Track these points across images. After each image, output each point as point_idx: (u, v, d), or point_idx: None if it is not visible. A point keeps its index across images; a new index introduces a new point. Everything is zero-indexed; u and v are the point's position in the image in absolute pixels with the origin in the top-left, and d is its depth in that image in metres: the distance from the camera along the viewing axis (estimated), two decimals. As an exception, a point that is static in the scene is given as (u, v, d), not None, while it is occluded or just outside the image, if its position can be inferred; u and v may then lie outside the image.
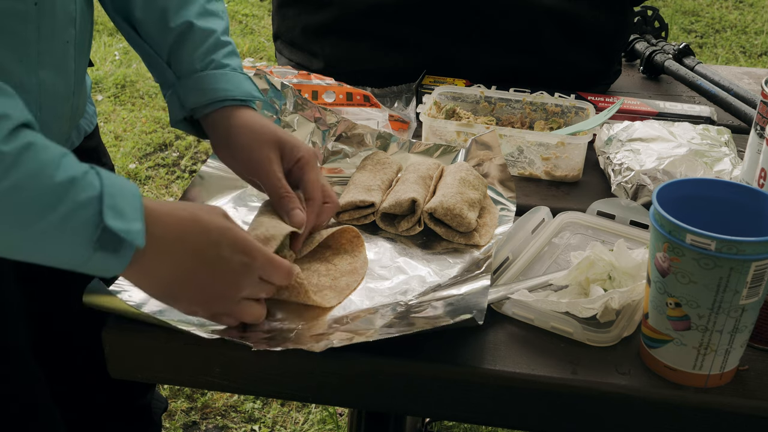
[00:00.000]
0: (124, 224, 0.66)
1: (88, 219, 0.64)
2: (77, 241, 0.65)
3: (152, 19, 0.91)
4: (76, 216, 0.64)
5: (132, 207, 0.67)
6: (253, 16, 4.19)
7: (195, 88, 0.91)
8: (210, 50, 0.92)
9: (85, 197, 0.64)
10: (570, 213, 1.00)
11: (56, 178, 0.63)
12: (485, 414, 0.80)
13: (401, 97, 1.34)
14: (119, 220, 0.65)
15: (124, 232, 0.65)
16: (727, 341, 0.72)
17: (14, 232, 0.63)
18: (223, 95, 0.90)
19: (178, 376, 0.84)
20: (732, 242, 0.67)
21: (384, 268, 0.90)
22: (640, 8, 1.57)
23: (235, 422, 1.91)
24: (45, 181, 0.63)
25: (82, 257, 0.66)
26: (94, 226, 0.65)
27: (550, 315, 0.81)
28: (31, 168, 0.63)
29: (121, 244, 0.66)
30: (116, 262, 0.67)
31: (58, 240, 0.64)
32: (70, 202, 0.64)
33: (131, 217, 0.66)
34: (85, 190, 0.65)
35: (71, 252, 0.65)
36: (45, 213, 0.63)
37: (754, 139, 0.93)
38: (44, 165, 0.63)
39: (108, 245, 0.66)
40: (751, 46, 4.03)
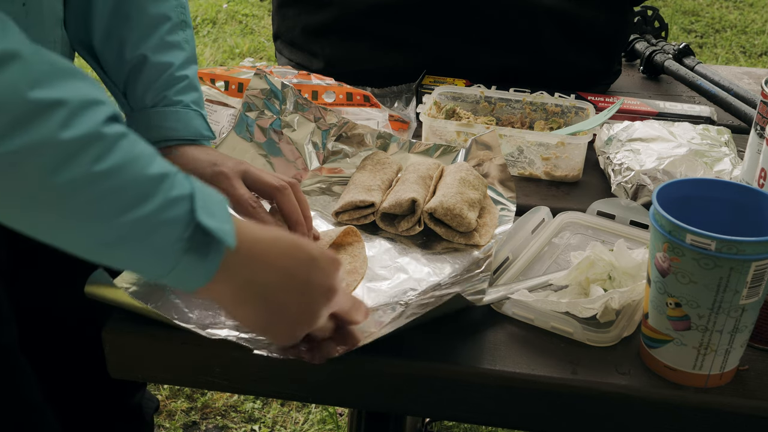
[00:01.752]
0: (217, 223, 0.63)
1: (179, 216, 0.62)
2: (166, 239, 0.62)
3: (110, 49, 0.90)
4: (168, 211, 0.61)
5: (221, 209, 0.65)
6: (253, 16, 4.19)
7: (143, 124, 0.89)
8: (163, 86, 0.90)
9: (178, 193, 0.62)
10: (570, 213, 1.00)
11: (150, 171, 0.61)
12: (485, 414, 0.80)
13: (401, 97, 1.34)
14: (212, 219, 0.63)
15: (217, 230, 0.63)
16: (727, 341, 0.72)
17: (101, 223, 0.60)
18: (168, 134, 0.89)
19: (178, 376, 0.84)
20: (732, 242, 0.67)
21: (384, 268, 0.90)
22: (640, 8, 1.57)
23: (235, 422, 1.91)
24: (140, 171, 0.61)
25: (170, 259, 0.63)
26: (185, 224, 0.62)
27: (550, 315, 0.81)
28: (128, 156, 0.60)
29: (210, 247, 0.64)
30: (204, 268, 0.64)
31: (149, 236, 0.61)
32: (162, 196, 0.61)
33: (222, 218, 0.64)
34: (177, 187, 0.62)
35: (160, 252, 0.62)
36: (137, 205, 0.60)
37: (754, 139, 0.93)
38: (139, 156, 0.61)
39: (198, 246, 0.63)
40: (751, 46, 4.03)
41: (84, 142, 0.58)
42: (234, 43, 3.85)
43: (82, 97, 0.59)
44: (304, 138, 1.09)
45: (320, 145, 1.10)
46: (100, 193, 0.59)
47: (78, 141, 0.57)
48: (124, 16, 0.90)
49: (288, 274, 0.70)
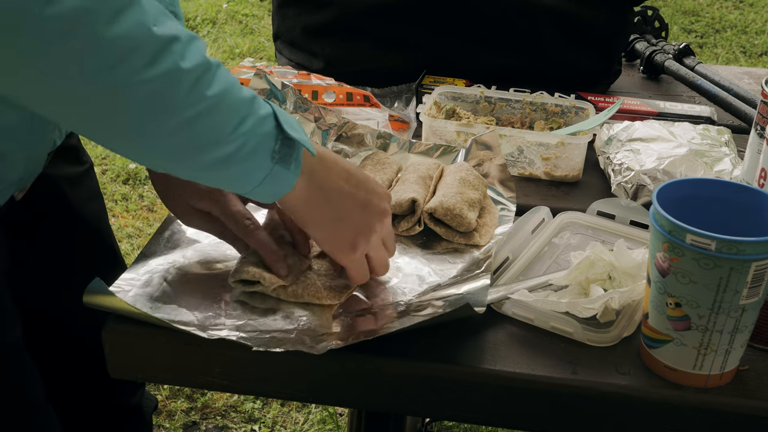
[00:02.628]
0: (299, 135, 0.72)
1: (270, 130, 0.70)
2: (263, 151, 0.70)
3: None
4: (261, 127, 0.70)
5: (298, 124, 0.74)
6: (253, 16, 4.19)
7: None
8: None
9: (265, 112, 0.71)
10: (570, 213, 1.00)
11: (243, 94, 0.70)
12: (485, 414, 0.80)
13: (401, 97, 1.34)
14: (294, 131, 0.72)
15: (300, 140, 0.72)
16: (728, 341, 0.72)
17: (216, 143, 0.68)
18: None
19: (178, 376, 0.84)
20: (732, 242, 0.67)
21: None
22: (640, 8, 1.57)
23: (235, 422, 1.91)
24: (238, 95, 0.69)
25: (263, 169, 0.71)
26: (275, 137, 0.71)
27: (550, 315, 0.81)
28: (228, 81, 0.68)
29: (291, 157, 0.72)
30: (289, 175, 0.73)
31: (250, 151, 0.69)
32: (256, 113, 0.70)
33: (300, 131, 0.73)
34: (263, 106, 0.71)
35: (258, 164, 0.70)
36: (241, 121, 0.68)
37: (754, 139, 0.92)
38: (234, 81, 0.69)
39: (285, 157, 0.72)
40: (751, 46, 4.03)
41: (199, 71, 0.65)
42: (234, 43, 3.85)
43: (187, 32, 0.66)
44: (304, 138, 1.09)
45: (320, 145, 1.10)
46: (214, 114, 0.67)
47: (195, 70, 0.65)
48: None
49: (352, 186, 0.79)
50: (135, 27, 0.61)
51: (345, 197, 0.79)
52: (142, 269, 0.86)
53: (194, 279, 0.86)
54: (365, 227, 0.80)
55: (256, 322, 0.80)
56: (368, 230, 0.80)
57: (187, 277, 0.86)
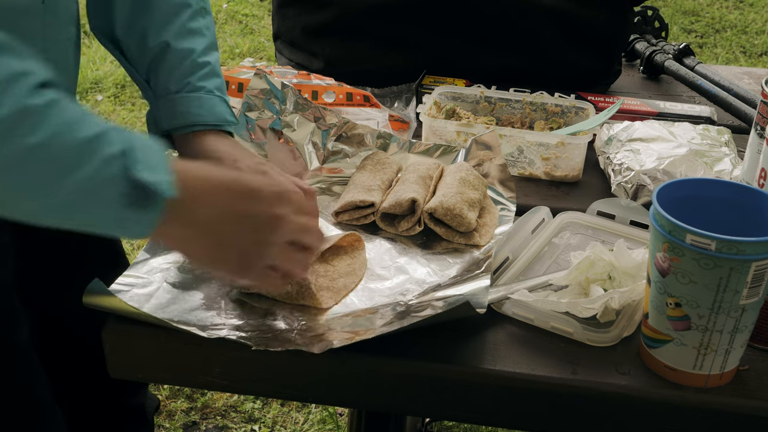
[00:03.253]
0: (153, 176, 0.65)
1: (116, 173, 0.64)
2: (107, 197, 0.64)
3: (133, 38, 0.91)
4: (104, 171, 0.63)
5: (158, 160, 0.66)
6: (253, 16, 4.19)
7: (168, 111, 0.90)
8: (186, 72, 0.91)
9: (112, 152, 0.64)
10: (570, 213, 1.00)
11: (82, 134, 0.63)
12: (485, 414, 0.80)
13: (401, 97, 1.34)
14: (147, 172, 0.65)
15: (153, 184, 0.65)
16: (727, 341, 0.72)
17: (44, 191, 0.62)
18: (193, 120, 0.90)
19: (178, 376, 0.84)
20: (732, 242, 0.67)
21: (384, 268, 0.90)
22: (640, 8, 1.57)
23: (235, 422, 1.91)
24: (72, 138, 0.62)
25: (113, 216, 0.65)
26: (123, 180, 0.64)
27: (550, 315, 0.81)
28: (58, 124, 0.62)
29: (150, 199, 0.65)
30: (148, 219, 0.66)
31: (89, 198, 0.64)
32: (97, 157, 0.63)
33: (159, 170, 0.66)
34: (111, 145, 0.64)
35: (102, 210, 0.65)
36: (72, 170, 0.62)
37: (754, 139, 0.92)
38: (70, 121, 0.63)
39: (138, 201, 0.65)
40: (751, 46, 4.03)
41: (13, 119, 0.59)
42: (234, 43, 3.85)
43: (5, 74, 0.60)
44: (304, 138, 1.09)
45: (320, 145, 1.10)
46: (38, 163, 0.61)
47: (7, 119, 0.59)
48: (146, 5, 0.91)
49: (226, 207, 0.72)
50: None
51: (220, 222, 0.72)
52: (143, 269, 0.86)
53: (194, 279, 0.86)
54: (253, 244, 0.74)
55: (256, 322, 0.80)
56: (258, 246, 0.74)
57: (187, 277, 0.86)
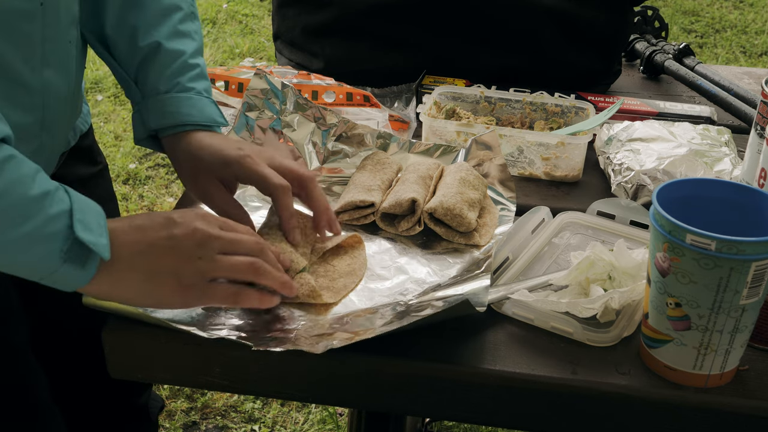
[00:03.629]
0: (93, 237, 0.70)
1: (59, 231, 0.68)
2: (47, 251, 0.68)
3: (122, 37, 0.91)
4: (48, 227, 0.68)
5: (97, 223, 0.71)
6: (253, 16, 4.19)
7: (157, 110, 0.90)
8: (176, 73, 0.91)
9: (57, 210, 0.69)
10: (570, 213, 1.00)
11: (32, 191, 0.68)
12: (485, 414, 0.80)
13: (401, 97, 1.34)
14: (88, 233, 0.69)
15: (92, 244, 0.69)
16: (727, 341, 0.72)
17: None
18: (183, 119, 0.90)
19: (178, 376, 0.84)
20: (732, 242, 0.67)
21: (384, 268, 0.90)
22: (640, 8, 1.57)
23: (235, 422, 1.91)
24: (23, 193, 0.67)
25: (50, 268, 0.69)
26: (65, 238, 0.69)
27: (550, 315, 0.81)
28: (12, 179, 0.67)
29: (87, 257, 0.70)
30: (82, 275, 0.71)
31: (30, 249, 0.68)
32: (44, 214, 0.68)
33: (97, 232, 0.71)
34: (57, 204, 0.69)
35: (41, 262, 0.69)
36: (20, 223, 0.67)
37: (754, 139, 0.93)
38: (23, 177, 0.68)
39: (76, 258, 0.70)
40: (751, 46, 4.03)
41: None
42: (234, 43, 3.85)
43: None
44: (304, 138, 1.09)
45: (320, 145, 1.10)
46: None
47: None
48: (137, 4, 0.91)
49: (149, 241, 0.75)
50: None
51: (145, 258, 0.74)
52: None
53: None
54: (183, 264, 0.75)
55: (256, 322, 0.80)
56: (188, 264, 0.75)
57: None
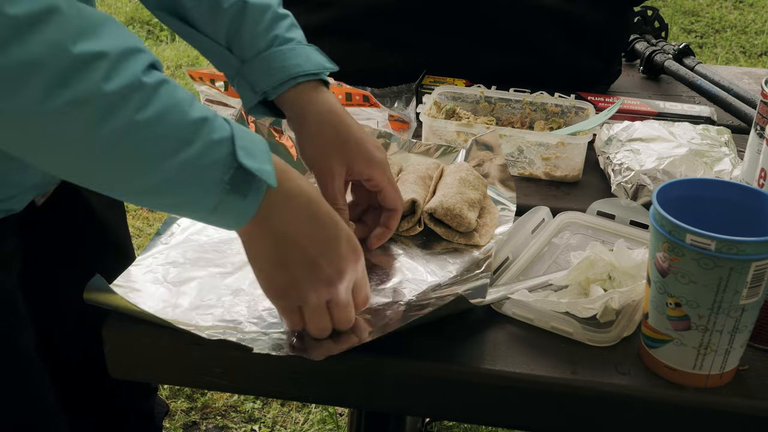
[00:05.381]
0: (257, 164, 0.66)
1: (221, 158, 0.64)
2: (210, 179, 0.64)
3: (203, 3, 0.86)
4: (211, 153, 0.64)
5: (261, 151, 0.67)
6: (253, 16, 4.18)
7: (263, 70, 0.85)
8: (270, 26, 0.86)
9: (219, 136, 0.64)
10: (570, 213, 1.00)
11: (192, 115, 0.63)
12: (485, 414, 0.80)
13: (401, 97, 1.34)
14: (252, 160, 0.65)
15: (258, 171, 0.65)
16: (727, 341, 0.72)
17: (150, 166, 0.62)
18: (294, 72, 0.85)
19: (178, 376, 0.84)
20: (732, 242, 0.67)
21: (384, 269, 0.90)
22: (640, 8, 1.57)
23: (235, 422, 1.91)
24: (182, 116, 0.63)
25: (213, 200, 0.65)
26: (227, 166, 0.64)
27: (550, 315, 0.81)
28: (169, 102, 0.62)
29: (250, 187, 0.66)
30: (245, 206, 0.66)
31: (192, 178, 0.64)
32: (205, 138, 0.63)
33: (262, 160, 0.66)
34: (218, 130, 0.65)
35: (203, 192, 0.65)
36: (181, 147, 0.62)
37: (754, 139, 0.93)
38: (180, 101, 0.63)
39: (239, 187, 0.65)
40: (751, 46, 4.03)
41: (126, 93, 0.59)
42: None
43: (122, 47, 0.60)
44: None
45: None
46: (144, 140, 0.61)
47: (120, 91, 0.59)
48: None
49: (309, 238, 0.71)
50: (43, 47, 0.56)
51: (294, 248, 0.71)
52: (144, 268, 0.86)
53: (194, 279, 0.86)
54: (303, 284, 0.72)
55: (257, 323, 0.80)
56: (303, 289, 0.72)
57: (188, 277, 0.86)
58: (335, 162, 0.86)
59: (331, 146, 0.86)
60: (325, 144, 0.86)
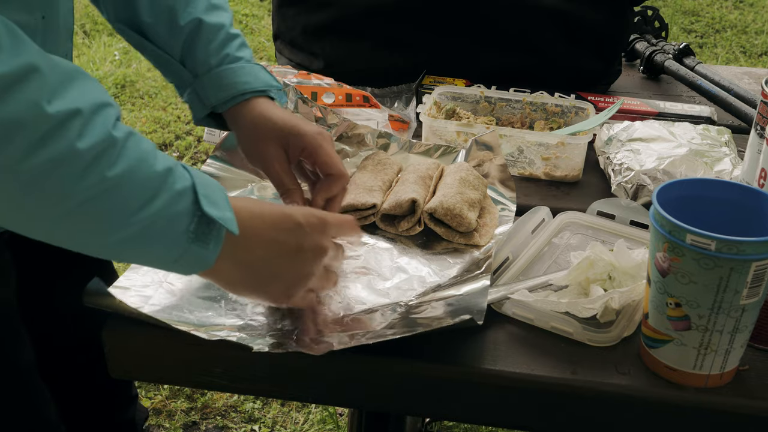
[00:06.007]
0: (220, 212, 0.67)
1: (185, 208, 0.66)
2: (175, 231, 0.66)
3: (161, 20, 0.91)
4: (175, 205, 0.65)
5: (221, 197, 0.69)
6: (253, 16, 4.20)
7: (214, 85, 0.91)
8: (222, 45, 0.91)
9: (182, 186, 0.66)
10: (570, 213, 1.00)
11: (157, 167, 0.64)
12: (485, 414, 0.80)
13: (401, 97, 1.34)
14: (213, 208, 0.67)
15: (220, 219, 0.67)
16: (727, 341, 0.72)
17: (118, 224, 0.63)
18: (243, 88, 0.91)
19: (178, 376, 0.84)
20: (732, 242, 0.67)
21: (384, 268, 0.90)
22: (640, 8, 1.57)
23: (235, 422, 1.91)
24: (148, 169, 0.64)
25: (178, 250, 0.67)
26: (191, 215, 0.66)
27: (550, 315, 0.81)
28: (137, 155, 0.63)
29: (211, 236, 0.68)
30: (208, 254, 0.68)
31: (158, 231, 0.65)
32: (169, 190, 0.65)
33: (223, 207, 0.68)
34: (181, 180, 0.66)
35: (170, 243, 0.66)
36: (150, 200, 0.64)
37: (754, 139, 0.93)
38: (146, 153, 0.64)
39: (202, 236, 0.67)
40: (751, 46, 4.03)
41: (99, 149, 0.60)
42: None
43: (93, 102, 0.61)
44: (304, 138, 1.09)
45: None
46: (115, 196, 0.62)
47: (94, 148, 0.60)
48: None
49: (278, 245, 0.74)
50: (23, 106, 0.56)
51: (271, 261, 0.74)
52: (143, 269, 0.86)
53: (194, 279, 0.86)
54: (298, 278, 0.77)
55: (257, 323, 0.80)
56: (302, 279, 0.77)
57: (186, 278, 0.86)
58: (271, 147, 0.90)
59: (265, 135, 0.90)
60: (260, 135, 0.91)
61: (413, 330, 0.75)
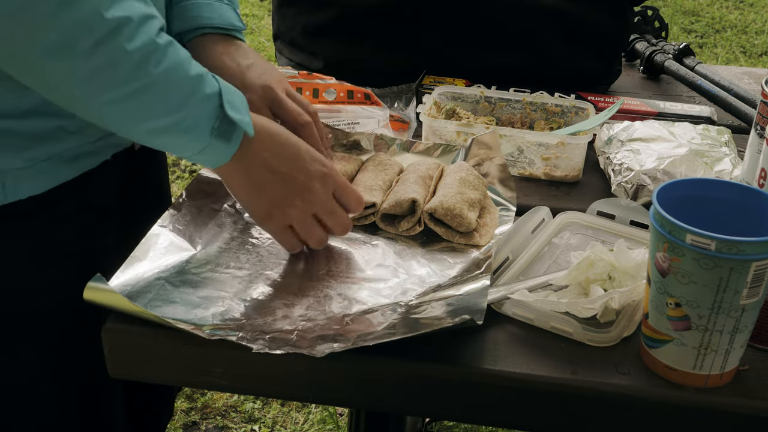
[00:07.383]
0: (239, 116, 0.80)
1: (212, 109, 0.78)
2: (202, 127, 0.78)
3: None
4: (204, 105, 0.77)
5: (242, 105, 0.81)
6: (253, 16, 4.19)
7: (180, 15, 0.97)
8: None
9: (211, 91, 0.78)
10: (570, 213, 1.00)
11: (191, 72, 0.77)
12: (485, 414, 0.80)
13: (401, 97, 1.34)
14: (235, 112, 0.79)
15: (240, 122, 0.79)
16: (728, 341, 0.72)
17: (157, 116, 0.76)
18: (203, 23, 0.97)
19: (178, 376, 0.84)
20: (732, 242, 0.67)
21: (384, 268, 0.90)
22: (640, 8, 1.57)
23: (235, 422, 1.91)
24: (184, 73, 0.76)
25: (202, 142, 0.79)
26: (216, 116, 0.78)
27: (550, 315, 0.81)
28: (176, 60, 0.76)
29: (233, 134, 0.80)
30: (227, 149, 0.80)
31: (188, 125, 0.77)
32: (201, 93, 0.77)
33: (243, 112, 0.81)
34: (210, 85, 0.78)
35: (196, 136, 0.78)
36: (183, 100, 0.76)
37: (754, 139, 0.93)
38: (183, 60, 0.77)
39: (223, 133, 0.79)
40: (751, 46, 4.03)
41: (144, 52, 0.73)
42: None
43: (141, 13, 0.73)
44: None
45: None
46: (155, 91, 0.74)
47: (141, 50, 0.72)
48: None
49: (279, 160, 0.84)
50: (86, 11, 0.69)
51: (265, 170, 0.84)
52: (143, 268, 0.86)
53: (194, 279, 0.86)
54: (281, 201, 0.85)
55: (257, 323, 0.80)
56: (284, 204, 0.85)
57: (187, 277, 0.86)
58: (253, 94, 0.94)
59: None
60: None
61: (413, 331, 0.75)
